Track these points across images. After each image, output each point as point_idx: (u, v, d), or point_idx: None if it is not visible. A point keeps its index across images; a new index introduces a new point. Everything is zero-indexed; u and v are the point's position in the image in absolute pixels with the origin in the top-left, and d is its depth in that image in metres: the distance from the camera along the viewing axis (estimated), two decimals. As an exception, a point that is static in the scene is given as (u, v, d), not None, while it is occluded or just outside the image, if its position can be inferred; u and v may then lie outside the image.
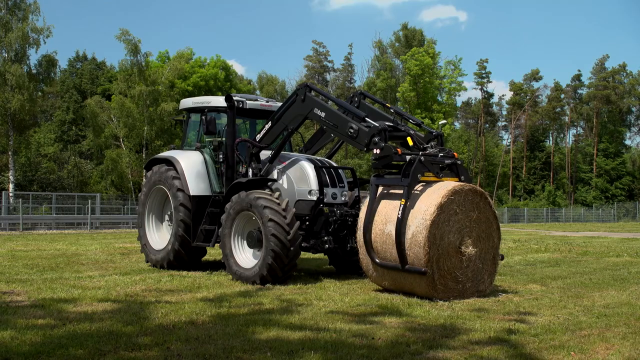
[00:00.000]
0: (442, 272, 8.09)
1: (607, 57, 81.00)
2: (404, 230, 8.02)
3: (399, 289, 8.66)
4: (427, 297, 8.23)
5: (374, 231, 8.52)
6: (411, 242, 8.00)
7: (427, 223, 7.89)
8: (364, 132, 8.96)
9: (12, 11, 41.27)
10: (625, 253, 16.58)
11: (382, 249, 8.43)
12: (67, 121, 58.78)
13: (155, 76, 47.33)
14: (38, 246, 17.21)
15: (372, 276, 8.91)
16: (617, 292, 9.21)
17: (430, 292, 8.09)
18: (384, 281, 8.74)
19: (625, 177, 75.60)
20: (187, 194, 11.05)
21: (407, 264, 8.00)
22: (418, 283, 8.12)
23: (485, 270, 8.61)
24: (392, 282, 8.62)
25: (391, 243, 8.21)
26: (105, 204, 38.74)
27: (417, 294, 8.39)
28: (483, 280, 8.59)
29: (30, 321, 6.54)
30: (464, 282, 8.33)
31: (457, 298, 8.25)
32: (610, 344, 5.90)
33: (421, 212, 8.03)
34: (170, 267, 11.32)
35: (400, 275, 8.30)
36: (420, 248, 7.89)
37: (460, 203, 8.22)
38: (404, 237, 8.02)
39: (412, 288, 8.33)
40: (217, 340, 5.81)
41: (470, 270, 8.40)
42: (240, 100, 11.23)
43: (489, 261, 8.65)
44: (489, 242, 8.62)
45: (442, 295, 8.13)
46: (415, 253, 7.97)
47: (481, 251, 8.49)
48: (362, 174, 54.31)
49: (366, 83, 64.08)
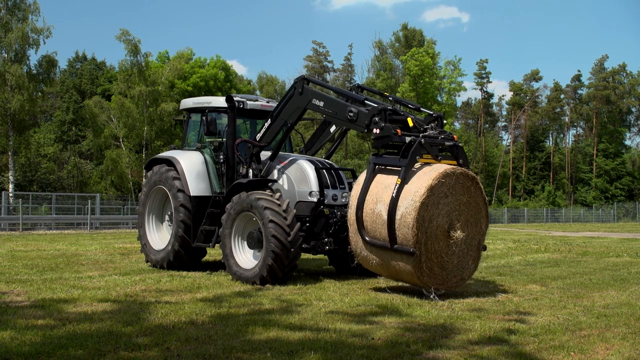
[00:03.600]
0: (429, 255, 8.11)
1: (607, 57, 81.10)
2: (396, 211, 8.02)
3: (384, 272, 8.74)
4: (411, 282, 8.38)
5: (364, 210, 8.51)
6: (400, 222, 8.00)
7: (416, 205, 7.88)
8: (364, 113, 9.03)
9: (12, 11, 41.27)
10: (625, 253, 16.58)
11: (371, 228, 8.42)
12: (67, 121, 58.77)
13: (155, 76, 47.35)
14: (38, 246, 17.21)
15: (360, 255, 8.87)
16: (617, 293, 9.22)
17: (416, 275, 8.09)
18: (372, 260, 8.67)
19: (625, 178, 75.59)
20: (187, 194, 11.05)
21: (397, 243, 8.02)
22: (404, 265, 8.12)
23: (470, 256, 8.65)
24: (379, 263, 8.59)
25: (381, 222, 8.21)
26: (105, 204, 38.74)
27: (402, 279, 8.54)
28: (467, 267, 8.63)
29: (30, 321, 6.54)
30: (448, 269, 8.37)
31: (441, 286, 8.29)
32: (610, 344, 5.90)
33: (411, 193, 8.01)
34: (170, 268, 11.33)
35: (388, 255, 8.30)
36: (409, 229, 7.89)
37: (451, 186, 8.21)
38: (394, 217, 8.02)
39: (398, 271, 8.34)
40: (217, 341, 5.81)
41: (456, 257, 8.44)
42: (241, 100, 11.24)
43: (474, 247, 8.69)
44: (476, 227, 8.64)
45: (427, 280, 8.14)
46: (403, 234, 7.97)
47: (468, 236, 8.52)
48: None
49: (366, 83, 64.03)
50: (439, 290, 8.33)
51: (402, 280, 8.89)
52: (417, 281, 8.28)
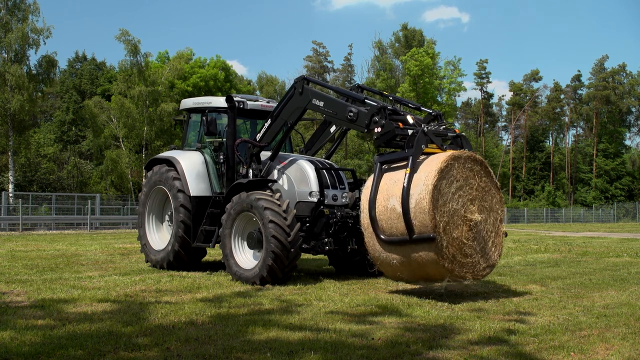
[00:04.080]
0: (450, 241, 7.82)
1: (607, 58, 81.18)
2: (409, 200, 7.84)
3: (408, 272, 8.31)
4: (437, 274, 7.97)
5: (377, 209, 8.29)
6: (415, 210, 7.80)
7: (429, 188, 7.73)
8: (364, 113, 9.04)
9: (11, 12, 41.28)
10: (625, 253, 16.58)
11: (387, 225, 8.16)
12: (67, 121, 58.79)
13: (155, 76, 47.37)
14: (38, 246, 17.21)
15: (380, 258, 8.46)
16: (617, 293, 9.22)
17: (440, 263, 7.74)
18: (392, 260, 8.27)
19: (625, 178, 75.63)
20: (187, 194, 11.05)
21: (415, 233, 7.77)
22: (427, 254, 7.80)
23: (492, 242, 8.39)
24: (400, 261, 8.19)
25: (396, 216, 7.99)
26: (105, 204, 38.75)
27: (428, 274, 8.13)
28: (492, 253, 8.36)
29: (29, 322, 6.54)
30: (472, 255, 8.09)
31: (469, 274, 8.01)
32: (610, 345, 5.90)
33: (422, 179, 7.88)
34: (170, 268, 11.33)
35: (408, 249, 7.97)
36: (425, 214, 7.68)
37: (460, 169, 8.09)
38: (409, 206, 7.83)
39: (422, 264, 7.96)
40: (217, 341, 5.81)
41: (478, 243, 8.18)
42: (241, 100, 11.25)
43: (494, 232, 8.43)
44: (492, 212, 8.42)
45: (452, 267, 7.83)
46: (421, 221, 7.73)
47: (486, 222, 8.30)
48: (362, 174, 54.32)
49: (366, 83, 63.98)
50: (468, 280, 8.05)
51: (428, 277, 8.36)
52: (442, 270, 7.86)
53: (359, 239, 10.36)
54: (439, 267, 7.88)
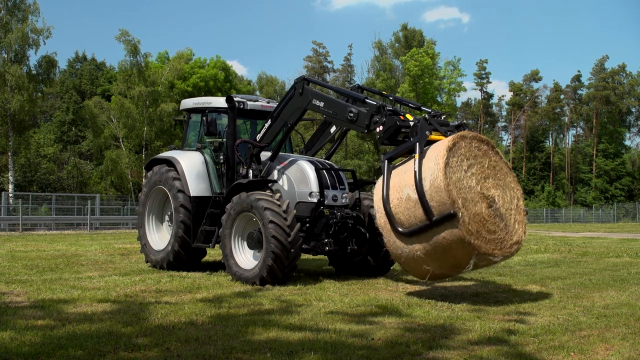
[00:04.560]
0: (471, 217, 7.54)
1: (607, 58, 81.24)
2: (422, 183, 7.71)
3: (434, 260, 7.87)
4: (465, 254, 7.58)
5: (392, 203, 8.09)
6: (431, 191, 7.62)
7: (440, 165, 7.59)
8: (364, 113, 9.06)
9: (11, 12, 41.30)
10: (625, 254, 16.58)
11: (405, 216, 7.91)
12: (67, 122, 58.82)
13: (154, 77, 47.39)
14: (38, 247, 17.21)
15: (403, 255, 8.10)
16: (617, 293, 9.22)
17: (467, 239, 7.41)
18: (417, 252, 7.91)
19: (625, 178, 75.64)
20: (187, 194, 11.05)
21: (434, 215, 7.56)
22: (451, 233, 7.49)
23: (515, 219, 8.09)
24: (425, 251, 7.83)
25: (413, 203, 7.80)
26: (105, 204, 38.76)
27: (456, 258, 7.72)
28: (516, 230, 8.05)
29: (29, 322, 6.54)
30: (497, 232, 7.78)
31: (497, 250, 7.68)
32: (610, 345, 5.90)
33: (432, 159, 7.77)
34: (170, 268, 11.32)
35: (431, 235, 7.66)
36: (442, 191, 7.49)
37: (468, 148, 7.97)
38: (424, 189, 7.67)
39: (447, 247, 7.62)
40: (217, 341, 5.81)
41: (500, 220, 7.88)
42: (241, 101, 11.25)
43: (515, 210, 8.15)
44: (508, 190, 8.20)
45: (479, 243, 7.50)
46: (438, 200, 7.51)
47: (504, 200, 8.07)
48: (361, 174, 54.36)
49: (366, 83, 64.03)
50: (497, 257, 7.74)
51: (455, 262, 7.90)
52: (469, 249, 7.50)
53: (359, 239, 10.39)
54: (465, 246, 7.52)
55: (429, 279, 8.35)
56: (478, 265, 7.91)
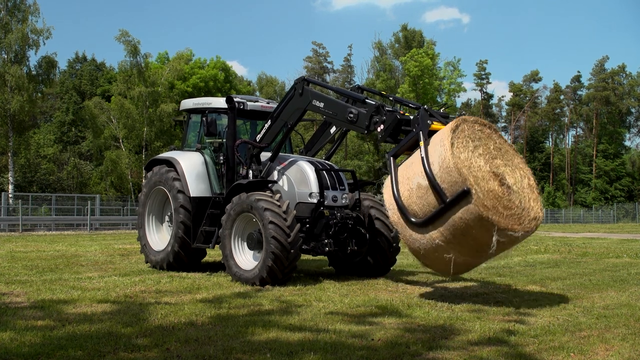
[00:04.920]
0: (485, 193, 7.32)
1: (607, 58, 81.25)
2: (431, 167, 7.59)
3: (455, 245, 7.60)
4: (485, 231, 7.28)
5: (403, 196, 7.93)
6: (441, 173, 7.48)
7: (447, 146, 7.50)
8: (364, 114, 9.07)
9: (11, 12, 41.30)
10: (625, 254, 16.59)
11: (418, 206, 7.71)
12: (67, 122, 58.84)
13: (154, 77, 47.40)
14: (37, 247, 17.20)
15: (424, 246, 7.80)
16: (617, 293, 9.22)
17: (485, 215, 7.18)
18: (436, 241, 7.64)
19: (625, 178, 75.65)
20: (187, 195, 11.04)
21: (447, 196, 7.37)
22: (468, 211, 7.26)
23: (529, 197, 7.83)
24: (444, 238, 7.58)
25: (424, 191, 7.64)
26: (104, 205, 38.76)
27: (477, 239, 7.45)
28: (532, 207, 7.77)
29: (29, 322, 6.54)
30: (513, 208, 7.53)
31: (517, 226, 7.39)
32: (610, 345, 5.90)
33: (438, 143, 7.68)
34: (169, 268, 11.32)
35: (446, 218, 7.45)
36: (452, 171, 7.35)
37: (471, 130, 7.88)
38: (434, 173, 7.54)
39: (466, 228, 7.38)
40: (217, 342, 5.81)
41: (515, 196, 7.65)
42: (241, 101, 11.25)
43: (528, 188, 7.93)
44: (518, 170, 8.04)
45: (497, 219, 7.25)
46: (450, 181, 7.34)
47: (515, 179, 7.90)
48: (361, 175, 54.35)
49: (366, 84, 64.03)
50: (518, 233, 7.42)
51: (476, 245, 7.60)
52: (488, 225, 7.24)
53: (359, 240, 10.39)
54: (483, 223, 7.28)
55: (453, 272, 8.01)
56: (500, 245, 7.50)
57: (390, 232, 10.56)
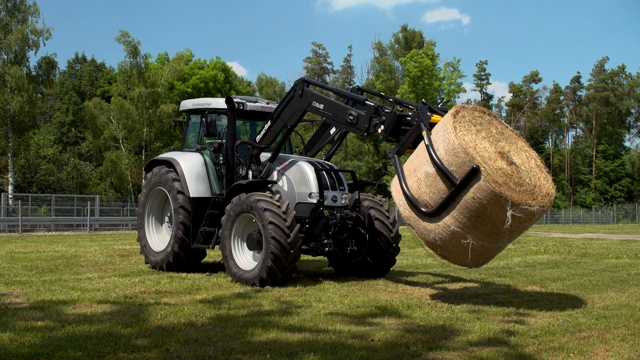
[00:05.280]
0: (495, 170, 7.22)
1: (607, 59, 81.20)
2: (437, 153, 7.53)
3: (470, 229, 7.42)
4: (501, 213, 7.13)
5: (411, 189, 7.82)
6: (447, 156, 7.39)
7: (450, 130, 7.43)
8: (363, 116, 9.07)
9: (11, 13, 41.30)
10: (625, 255, 16.59)
11: (428, 195, 7.58)
12: (67, 123, 58.81)
13: (154, 78, 47.40)
14: (37, 248, 17.21)
15: (438, 238, 7.63)
16: (617, 294, 9.22)
17: (497, 190, 7.04)
18: (450, 227, 7.48)
19: (625, 179, 75.65)
20: (187, 195, 11.05)
21: (457, 178, 7.26)
22: (480, 189, 7.13)
23: (538, 176, 7.70)
24: (459, 221, 7.42)
25: (432, 178, 7.55)
26: (104, 205, 38.77)
27: (490, 219, 7.27)
28: (543, 185, 7.62)
29: (29, 323, 6.53)
30: (524, 185, 7.39)
31: (531, 201, 7.25)
32: (610, 346, 5.90)
33: (440, 130, 7.63)
34: (169, 269, 11.32)
35: (460, 200, 7.29)
36: (458, 151, 7.24)
37: (472, 116, 7.83)
38: (440, 157, 7.47)
39: (480, 208, 7.22)
40: (217, 342, 5.81)
41: (525, 175, 7.53)
42: (241, 102, 11.26)
43: (537, 168, 7.81)
44: (523, 152, 7.94)
45: (510, 194, 7.11)
46: (457, 163, 7.26)
47: (522, 161, 7.80)
48: (361, 175, 54.38)
49: (365, 84, 64.11)
50: (534, 207, 7.25)
51: (492, 226, 7.38)
52: (502, 201, 7.09)
53: (359, 240, 10.39)
54: (496, 200, 7.13)
55: (472, 261, 7.83)
56: (517, 222, 7.29)
57: (390, 233, 10.56)
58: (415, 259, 14.86)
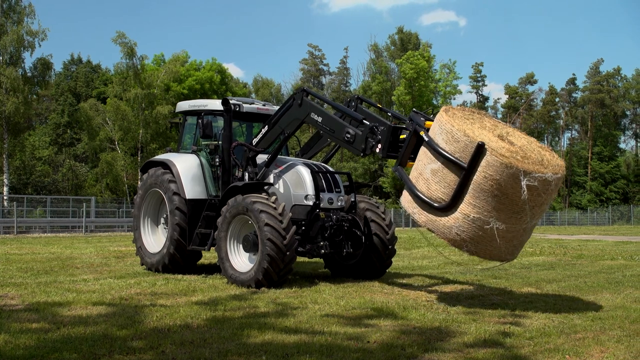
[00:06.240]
0: (499, 147, 7.21)
1: (602, 61, 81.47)
2: (439, 146, 7.53)
3: (489, 210, 7.25)
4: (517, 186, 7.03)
5: (421, 191, 7.74)
6: (449, 146, 7.38)
7: (445, 122, 7.49)
8: (360, 136, 9.01)
9: (7, 14, 41.22)
10: (620, 256, 16.63)
11: (440, 191, 7.49)
12: (62, 124, 58.69)
13: (150, 79, 47.38)
14: (32, 249, 17.15)
15: (460, 229, 7.43)
16: (612, 295, 9.24)
17: (505, 162, 7.00)
18: (470, 215, 7.31)
19: (620, 181, 75.86)
20: (182, 197, 11.03)
21: (464, 162, 7.20)
22: (491, 165, 7.07)
23: (544, 153, 7.69)
24: (477, 206, 7.28)
25: (440, 172, 7.51)
26: (100, 207, 38.67)
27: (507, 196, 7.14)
28: (549, 159, 7.57)
29: (24, 325, 6.51)
30: (532, 158, 7.37)
31: (543, 169, 7.19)
32: (605, 347, 5.92)
33: (436, 127, 7.70)
34: (165, 271, 11.30)
35: (473, 183, 7.21)
36: (459, 136, 7.26)
37: (462, 113, 7.90)
38: (442, 148, 7.47)
39: (495, 185, 7.11)
40: (212, 344, 5.80)
41: (529, 151, 7.52)
42: (237, 103, 11.25)
43: (538, 148, 7.82)
44: (522, 138, 7.94)
45: (520, 164, 7.06)
46: (460, 148, 7.27)
47: (523, 144, 7.79)
48: (357, 177, 54.38)
49: (362, 86, 64.21)
50: (548, 174, 7.16)
51: (511, 202, 7.22)
52: (514, 172, 7.00)
53: (355, 242, 10.39)
54: (508, 172, 7.03)
55: (504, 252, 7.63)
56: (535, 195, 7.19)
57: (386, 235, 10.57)
58: (411, 261, 14.87)
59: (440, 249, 16.04)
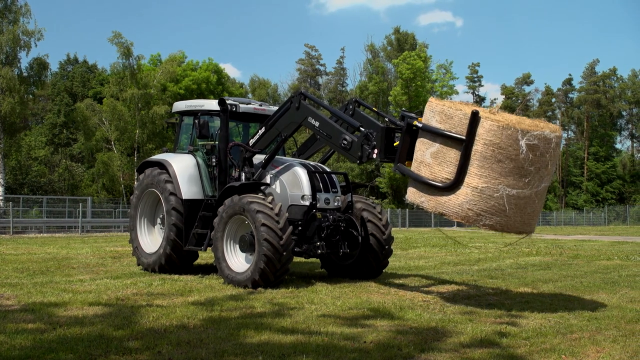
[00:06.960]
0: (493, 119, 7.26)
1: (598, 62, 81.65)
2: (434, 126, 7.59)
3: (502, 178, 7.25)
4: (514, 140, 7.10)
5: (426, 176, 7.73)
6: (444, 124, 7.47)
7: (436, 106, 7.63)
8: (356, 143, 8.99)
9: (2, 14, 41.06)
10: (616, 256, 16.68)
11: (444, 170, 7.51)
12: (58, 124, 58.51)
13: (147, 79, 47.28)
14: (28, 250, 17.11)
15: (472, 203, 7.36)
16: (608, 295, 9.27)
17: (506, 123, 7.13)
18: (480, 186, 7.29)
19: (616, 181, 76.05)
20: (179, 197, 11.02)
21: (463, 135, 7.27)
22: (487, 131, 7.17)
23: (536, 122, 7.69)
24: (485, 174, 7.30)
25: (442, 152, 7.52)
26: (96, 207, 38.59)
27: (517, 157, 7.18)
28: (542, 125, 7.58)
29: (20, 325, 6.50)
30: (523, 122, 7.40)
31: (547, 127, 7.34)
32: (601, 347, 5.93)
33: (428, 113, 7.78)
34: (161, 271, 11.29)
35: (475, 153, 7.26)
36: (452, 111, 7.41)
37: (450, 103, 7.91)
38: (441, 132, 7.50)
39: (497, 150, 7.18)
40: (209, 344, 5.80)
41: (523, 119, 7.65)
42: (234, 103, 11.24)
43: (537, 120, 7.79)
44: (512, 116, 7.91)
45: (522, 126, 7.20)
46: (455, 123, 7.37)
47: (516, 117, 7.77)
48: (354, 177, 54.38)
49: (358, 87, 64.21)
50: (547, 131, 7.31)
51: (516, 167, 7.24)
52: (511, 133, 7.11)
53: (351, 242, 10.39)
54: (506, 134, 7.12)
55: (519, 222, 7.64)
56: (537, 156, 7.25)
57: (383, 235, 10.57)
58: (408, 261, 14.88)
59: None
